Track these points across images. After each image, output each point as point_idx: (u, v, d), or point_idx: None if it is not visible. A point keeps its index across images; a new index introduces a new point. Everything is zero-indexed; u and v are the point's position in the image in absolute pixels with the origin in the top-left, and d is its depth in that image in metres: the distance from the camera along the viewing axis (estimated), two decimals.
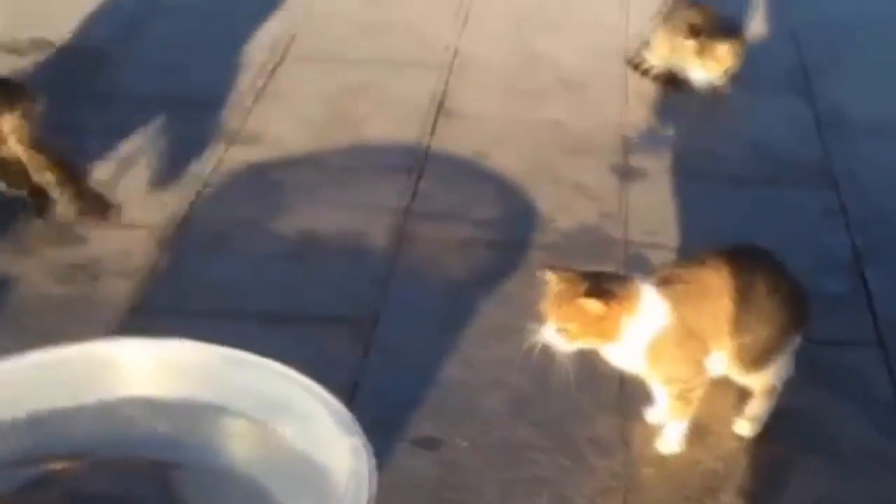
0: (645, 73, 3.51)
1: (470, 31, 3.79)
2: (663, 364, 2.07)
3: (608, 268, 2.37)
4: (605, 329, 2.00)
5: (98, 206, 2.79)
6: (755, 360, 2.12)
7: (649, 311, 2.02)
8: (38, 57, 3.52)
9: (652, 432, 2.19)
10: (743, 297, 2.08)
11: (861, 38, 3.78)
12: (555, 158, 3.11)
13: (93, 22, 3.74)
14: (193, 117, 3.23)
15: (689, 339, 2.05)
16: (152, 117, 3.20)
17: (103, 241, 2.72)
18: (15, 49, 3.56)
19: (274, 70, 3.51)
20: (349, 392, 2.21)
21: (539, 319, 2.02)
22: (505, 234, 2.83)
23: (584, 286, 1.99)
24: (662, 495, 2.09)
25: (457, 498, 2.07)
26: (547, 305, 2.02)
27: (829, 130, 3.26)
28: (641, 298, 2.02)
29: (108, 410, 1.99)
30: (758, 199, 2.97)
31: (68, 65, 3.51)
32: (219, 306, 2.53)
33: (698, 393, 2.10)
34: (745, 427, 2.20)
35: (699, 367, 2.08)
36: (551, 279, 2.03)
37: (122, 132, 3.13)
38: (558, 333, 2.00)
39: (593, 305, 1.97)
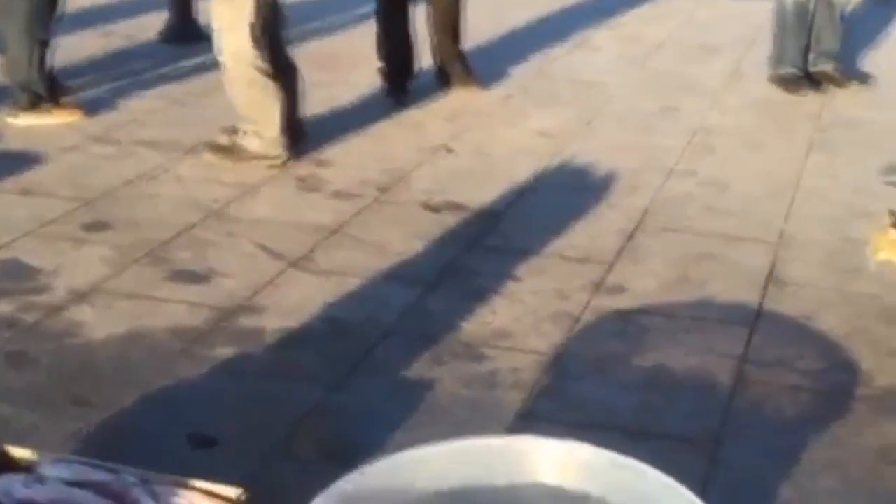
0: None
1: (796, 215, 3.77)
2: None
3: None
4: None
5: None
6: None
7: None
8: (450, 215, 3.76)
9: None
10: None
11: None
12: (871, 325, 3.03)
13: (493, 189, 3.97)
14: (567, 269, 3.36)
15: None
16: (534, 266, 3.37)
17: (499, 360, 2.86)
18: (432, 207, 3.83)
19: (632, 236, 3.61)
20: None
21: None
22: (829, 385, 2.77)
23: None
24: None
25: None
26: None
27: None
28: None
29: (516, 491, 2.08)
30: None
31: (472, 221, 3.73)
32: (588, 419, 2.59)
33: None
34: None
35: None
36: None
37: (513, 277, 3.30)
38: None
39: None
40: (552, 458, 2.08)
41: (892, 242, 3.36)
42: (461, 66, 5.07)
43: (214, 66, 4.23)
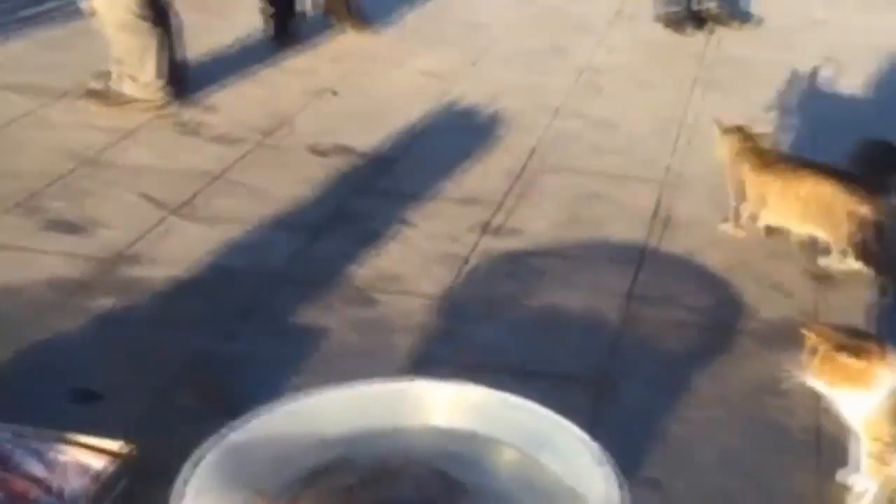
0: None
1: (682, 154, 3.83)
2: (882, 421, 2.01)
3: None
4: (860, 379, 1.97)
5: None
6: None
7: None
8: (337, 158, 3.72)
9: (846, 493, 2.15)
10: None
11: None
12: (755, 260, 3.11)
13: (379, 132, 3.93)
14: (457, 211, 3.36)
15: None
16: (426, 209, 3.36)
17: (390, 304, 2.85)
18: (319, 151, 3.78)
19: (520, 176, 3.62)
20: None
21: (800, 368, 2.01)
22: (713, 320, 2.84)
23: (843, 343, 1.98)
24: None
25: None
26: (808, 358, 2.00)
27: None
28: (893, 356, 1.99)
29: (408, 433, 2.08)
30: None
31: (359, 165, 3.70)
32: (479, 360, 2.60)
33: (894, 459, 2.06)
34: None
35: None
36: (811, 337, 2.01)
37: (404, 220, 3.29)
38: (819, 382, 1.99)
39: (852, 361, 1.96)
40: (442, 401, 2.09)
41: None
42: (347, 8, 4.99)
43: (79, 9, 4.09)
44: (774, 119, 4.02)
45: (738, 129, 3.16)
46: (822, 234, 3.00)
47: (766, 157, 3.12)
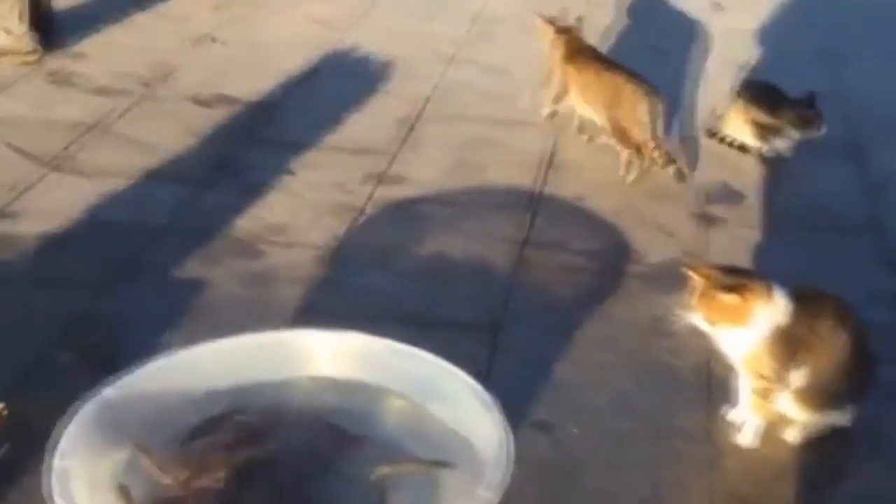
0: (721, 140, 3.53)
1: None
2: (762, 358, 2.05)
3: None
4: (741, 316, 2.00)
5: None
6: (815, 402, 2.10)
7: (776, 306, 2.02)
8: (221, 109, 3.64)
9: (732, 428, 2.20)
10: (844, 349, 2.07)
11: None
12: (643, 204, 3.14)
13: (266, 80, 3.85)
14: (346, 160, 3.31)
15: (791, 344, 2.04)
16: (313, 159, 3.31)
17: (277, 256, 2.80)
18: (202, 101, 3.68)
19: (412, 125, 3.59)
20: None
21: (685, 308, 2.05)
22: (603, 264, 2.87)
23: (725, 281, 2.00)
24: (738, 478, 2.09)
25: (567, 473, 2.08)
26: (692, 297, 2.03)
27: (876, 191, 3.25)
28: (773, 294, 2.02)
29: (294, 385, 2.06)
30: (815, 244, 2.96)
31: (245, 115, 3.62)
32: (371, 311, 2.57)
33: (775, 396, 2.10)
34: (791, 435, 2.17)
35: (785, 374, 2.08)
36: (693, 276, 2.04)
37: (290, 171, 3.23)
38: (701, 320, 2.02)
39: (733, 299, 1.99)
40: (327, 350, 2.07)
41: None
42: None
43: None
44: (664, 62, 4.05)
45: (552, 22, 3.53)
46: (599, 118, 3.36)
47: (574, 49, 3.47)
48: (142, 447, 1.86)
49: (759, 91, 3.50)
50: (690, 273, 2.05)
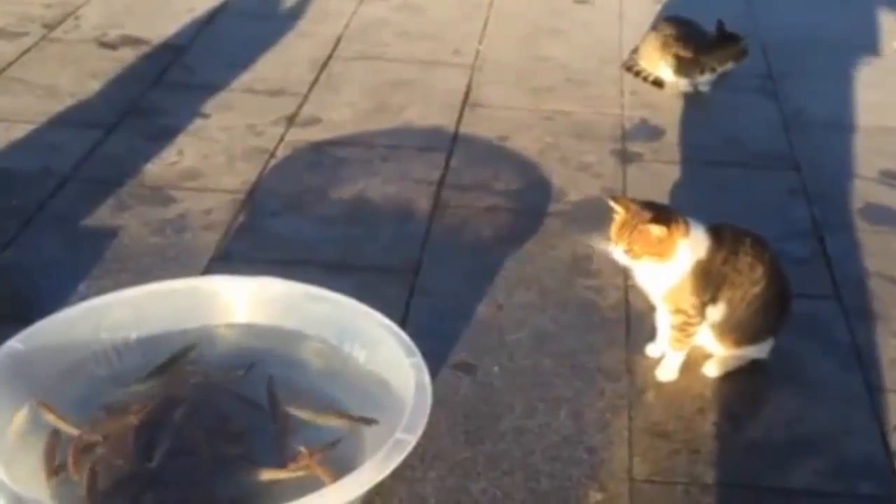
0: (637, 74, 3.55)
1: (490, 38, 3.83)
2: (682, 293, 2.08)
3: None
4: (663, 249, 2.03)
5: None
6: (734, 336, 2.15)
7: (696, 241, 2.05)
8: (128, 51, 3.56)
9: (652, 364, 2.24)
10: (762, 284, 2.11)
11: (820, 50, 3.83)
12: (563, 142, 3.16)
13: (174, 21, 3.77)
14: (259, 102, 3.27)
15: (710, 279, 2.08)
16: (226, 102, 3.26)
17: (189, 202, 2.77)
18: (107, 44, 3.60)
19: (326, 65, 3.55)
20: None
21: (608, 241, 2.07)
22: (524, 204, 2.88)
23: (649, 214, 2.03)
24: (659, 413, 2.14)
25: (490, 411, 2.11)
26: (615, 230, 2.05)
27: (792, 125, 3.30)
28: (693, 229, 2.05)
29: (210, 333, 2.04)
30: (732, 180, 3.00)
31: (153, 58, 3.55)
32: (288, 256, 2.57)
33: (695, 330, 2.14)
34: (711, 369, 2.22)
35: (705, 309, 2.11)
36: (618, 208, 2.06)
37: (201, 114, 3.18)
38: (625, 253, 2.05)
39: (657, 229, 2.01)
40: (243, 296, 2.06)
41: None
42: None
43: None
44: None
45: None
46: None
47: None
48: (42, 403, 1.83)
49: (681, 26, 3.51)
50: (614, 205, 2.07)
